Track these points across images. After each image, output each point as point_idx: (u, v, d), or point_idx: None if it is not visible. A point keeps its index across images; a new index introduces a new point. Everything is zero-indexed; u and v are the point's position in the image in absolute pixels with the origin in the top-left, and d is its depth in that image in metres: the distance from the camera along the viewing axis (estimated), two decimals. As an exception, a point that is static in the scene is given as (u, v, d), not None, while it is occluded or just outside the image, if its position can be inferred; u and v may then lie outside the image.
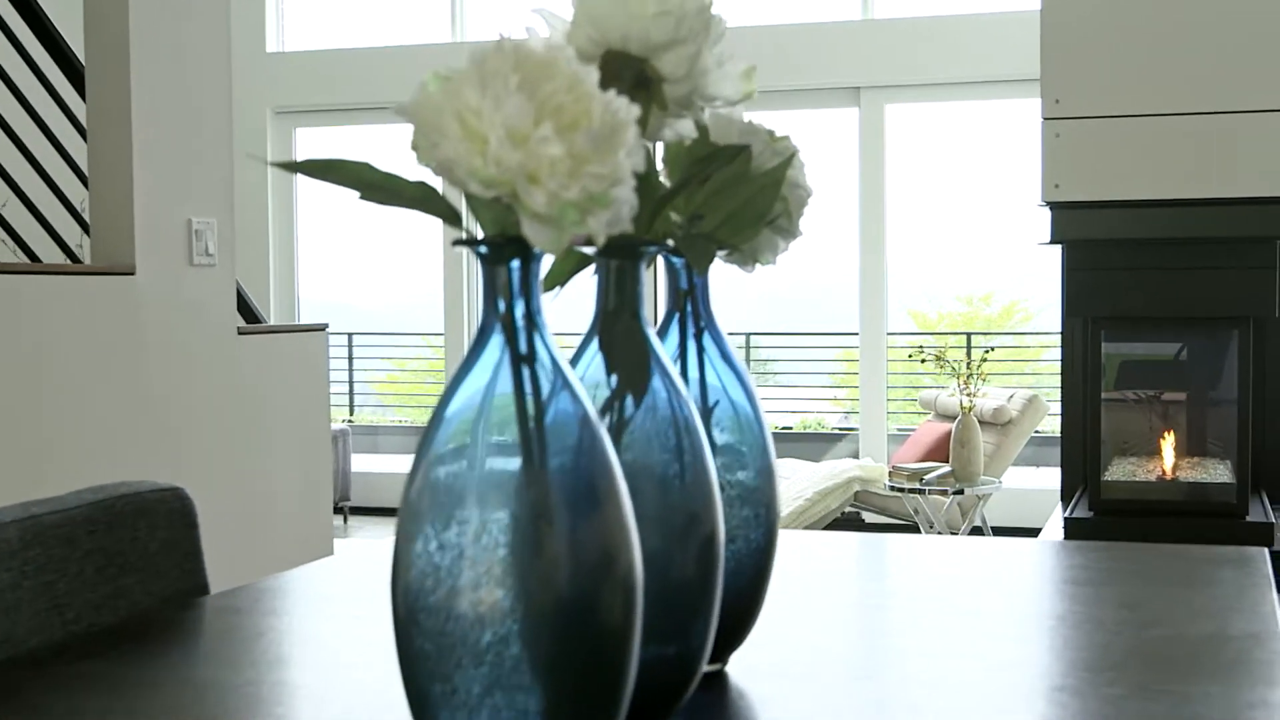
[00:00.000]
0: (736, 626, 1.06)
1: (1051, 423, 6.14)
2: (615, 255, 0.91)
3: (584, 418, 0.79)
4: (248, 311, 4.00)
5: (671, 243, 0.98)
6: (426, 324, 8.73)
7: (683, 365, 1.05)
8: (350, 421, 9.53)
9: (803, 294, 9.45)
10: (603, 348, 0.92)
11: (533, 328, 0.77)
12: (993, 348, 6.49)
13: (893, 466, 5.69)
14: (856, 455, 7.34)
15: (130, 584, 1.30)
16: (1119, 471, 3.70)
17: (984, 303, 10.26)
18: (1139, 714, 0.93)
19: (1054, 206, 3.57)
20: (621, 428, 0.92)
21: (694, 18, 0.90)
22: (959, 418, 5.62)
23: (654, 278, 1.04)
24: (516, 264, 0.76)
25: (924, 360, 5.90)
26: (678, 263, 1.04)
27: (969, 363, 5.92)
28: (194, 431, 3.48)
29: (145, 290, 3.32)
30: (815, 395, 9.80)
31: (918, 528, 5.96)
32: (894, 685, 1.06)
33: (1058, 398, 4.00)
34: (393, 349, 10.18)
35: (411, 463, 0.80)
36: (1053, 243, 3.58)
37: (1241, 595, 1.25)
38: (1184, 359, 3.81)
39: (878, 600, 1.34)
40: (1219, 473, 3.63)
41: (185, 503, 1.38)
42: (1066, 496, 3.82)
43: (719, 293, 1.07)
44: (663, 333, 1.06)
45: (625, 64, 0.92)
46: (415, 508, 0.79)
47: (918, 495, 5.52)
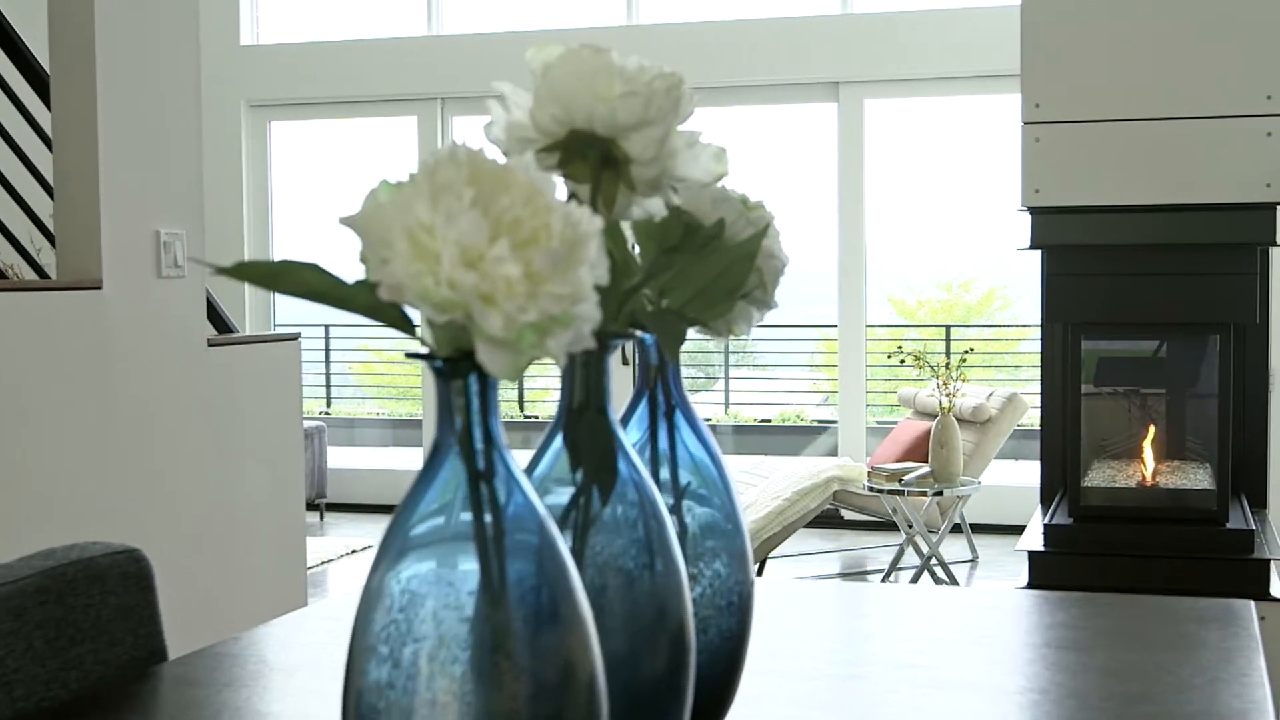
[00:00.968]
0: (712, 710, 1.03)
1: (1032, 415, 6.11)
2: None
3: (543, 531, 0.75)
4: (219, 321, 3.94)
5: (639, 328, 0.93)
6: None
7: (653, 445, 1.01)
8: (327, 414, 9.47)
9: (783, 285, 9.38)
10: (567, 444, 0.88)
11: (491, 447, 0.73)
12: (970, 350, 6.46)
13: (871, 467, 5.66)
14: (835, 451, 7.31)
15: (83, 653, 1.25)
16: (1099, 476, 3.67)
17: (964, 289, 10.26)
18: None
19: (1034, 211, 3.54)
20: (587, 525, 0.88)
21: (662, 97, 0.86)
22: (938, 418, 5.59)
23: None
24: (474, 379, 0.72)
25: (903, 361, 5.87)
26: (648, 339, 0.99)
27: (948, 363, 5.89)
28: (164, 446, 3.42)
29: (113, 304, 3.25)
30: (794, 388, 9.78)
31: (896, 526, 5.93)
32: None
33: (1036, 390, 3.97)
34: (371, 339, 10.12)
35: (367, 575, 0.77)
36: (1032, 248, 3.55)
37: (1229, 662, 1.22)
38: (1164, 361, 3.78)
39: (855, 670, 1.30)
40: (1199, 478, 3.60)
41: (141, 565, 1.33)
42: (1046, 500, 3.79)
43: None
44: (632, 410, 1.02)
45: (591, 143, 0.87)
46: (368, 623, 0.75)
47: (897, 496, 5.49)
